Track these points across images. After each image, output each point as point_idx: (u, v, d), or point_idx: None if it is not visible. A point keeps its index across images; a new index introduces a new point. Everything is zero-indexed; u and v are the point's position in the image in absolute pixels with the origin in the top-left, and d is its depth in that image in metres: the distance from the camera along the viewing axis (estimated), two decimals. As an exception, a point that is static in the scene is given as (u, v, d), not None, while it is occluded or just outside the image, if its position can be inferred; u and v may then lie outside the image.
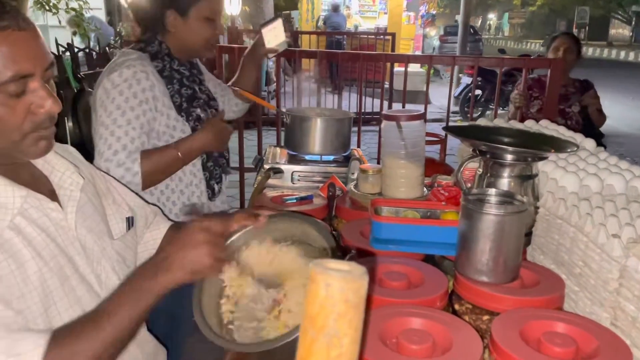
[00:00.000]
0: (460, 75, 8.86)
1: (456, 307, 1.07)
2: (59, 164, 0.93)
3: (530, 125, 1.69)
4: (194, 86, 1.59)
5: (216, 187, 1.63)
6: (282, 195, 1.54)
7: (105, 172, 1.33)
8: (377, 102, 7.19)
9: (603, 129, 3.24)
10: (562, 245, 1.09)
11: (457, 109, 8.54)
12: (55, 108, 0.83)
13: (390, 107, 7.48)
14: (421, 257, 1.23)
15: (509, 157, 1.20)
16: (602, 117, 3.13)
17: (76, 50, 2.74)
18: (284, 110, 1.81)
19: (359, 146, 3.33)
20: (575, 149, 1.21)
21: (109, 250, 0.97)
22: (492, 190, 1.09)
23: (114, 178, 1.32)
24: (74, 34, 4.75)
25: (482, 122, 1.77)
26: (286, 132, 1.79)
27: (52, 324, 0.83)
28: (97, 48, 3.59)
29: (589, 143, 1.49)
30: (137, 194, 1.17)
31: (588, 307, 0.98)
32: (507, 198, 1.08)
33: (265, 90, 8.34)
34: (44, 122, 0.83)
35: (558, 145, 1.25)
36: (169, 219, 1.21)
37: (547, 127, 1.66)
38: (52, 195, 0.90)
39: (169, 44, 1.53)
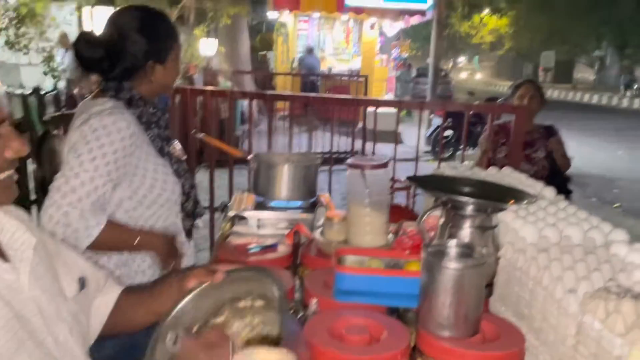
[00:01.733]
0: (432, 116, 9.06)
1: (418, 361, 1.06)
2: (8, 223, 0.90)
3: (492, 173, 1.72)
4: (166, 129, 1.59)
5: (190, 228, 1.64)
6: (246, 243, 1.52)
7: (60, 214, 1.31)
8: (350, 141, 7.35)
9: (569, 170, 3.32)
10: (522, 298, 1.09)
11: (429, 148, 8.70)
12: (25, 149, 0.85)
13: (363, 146, 7.59)
14: (385, 308, 1.21)
15: (470, 209, 1.22)
16: (567, 162, 3.21)
17: (42, 92, 2.71)
18: (250, 156, 1.80)
19: (330, 186, 3.33)
20: (534, 200, 1.23)
21: (64, 311, 0.93)
22: (453, 242, 1.09)
23: (67, 225, 1.30)
24: (45, 73, 4.73)
25: (447, 168, 1.80)
26: (253, 177, 1.78)
27: None
28: (67, 87, 3.57)
29: (549, 192, 1.52)
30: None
31: (548, 362, 0.98)
32: (467, 250, 1.08)
33: (240, 129, 8.38)
34: (9, 166, 0.85)
35: (517, 196, 1.27)
36: (119, 284, 1.17)
37: (509, 175, 1.69)
38: (2, 256, 0.87)
39: (141, 90, 1.50)
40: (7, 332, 0.79)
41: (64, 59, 9.52)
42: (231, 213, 1.69)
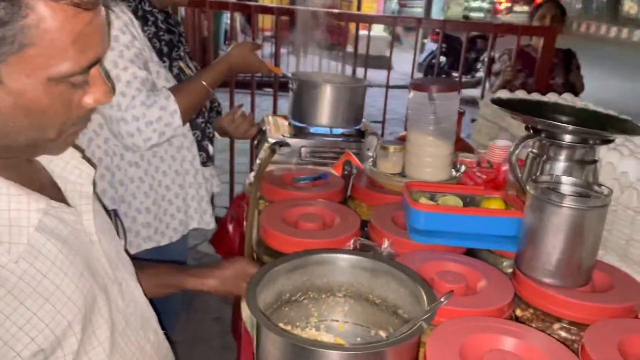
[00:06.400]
0: (425, 41, 8.74)
1: (517, 312, 0.94)
2: None
3: (553, 99, 1.56)
4: (172, 36, 1.40)
5: (210, 149, 1.45)
6: (292, 174, 1.35)
7: (133, 125, 1.19)
8: (339, 66, 7.00)
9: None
10: (635, 241, 0.97)
11: (420, 75, 8.46)
12: (109, 98, 0.64)
13: (354, 72, 7.27)
14: (462, 251, 1.08)
15: (569, 138, 1.06)
16: (583, 85, 3.12)
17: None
18: (290, 74, 1.58)
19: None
20: (642, 131, 1.07)
21: (122, 253, 0.80)
22: (566, 179, 0.95)
23: (147, 123, 1.21)
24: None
25: (502, 93, 1.62)
26: (292, 100, 1.57)
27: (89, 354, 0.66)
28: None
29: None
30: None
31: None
32: (582, 188, 0.94)
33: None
34: (86, 115, 0.64)
35: (624, 126, 1.11)
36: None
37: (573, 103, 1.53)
38: (55, 190, 0.69)
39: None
40: (82, 287, 0.64)
41: None
42: (271, 139, 1.49)
